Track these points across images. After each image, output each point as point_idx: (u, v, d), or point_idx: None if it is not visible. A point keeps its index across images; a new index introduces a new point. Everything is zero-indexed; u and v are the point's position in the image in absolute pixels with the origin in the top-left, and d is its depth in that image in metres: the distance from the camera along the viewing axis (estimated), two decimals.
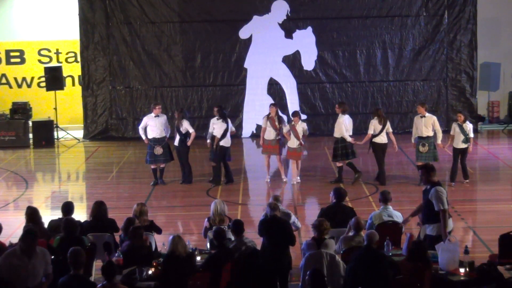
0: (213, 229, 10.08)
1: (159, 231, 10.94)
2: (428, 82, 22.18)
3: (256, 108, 21.74)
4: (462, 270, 9.03)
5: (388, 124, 15.85)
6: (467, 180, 15.91)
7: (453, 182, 15.68)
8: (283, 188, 16.18)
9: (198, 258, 9.56)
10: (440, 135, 15.64)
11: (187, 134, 16.28)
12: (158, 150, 16.33)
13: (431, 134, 15.53)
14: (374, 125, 15.78)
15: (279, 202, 11.00)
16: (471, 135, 15.56)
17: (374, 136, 15.81)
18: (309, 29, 22.04)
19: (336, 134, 16.04)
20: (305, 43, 22.09)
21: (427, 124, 15.49)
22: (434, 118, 15.72)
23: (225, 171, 16.50)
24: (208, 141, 16.28)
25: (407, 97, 22.03)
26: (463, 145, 15.53)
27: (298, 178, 16.44)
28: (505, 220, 13.14)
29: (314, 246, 9.29)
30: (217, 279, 8.91)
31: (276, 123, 16.14)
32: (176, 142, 16.35)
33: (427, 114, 15.59)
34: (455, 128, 15.57)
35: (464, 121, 15.60)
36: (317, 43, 22.07)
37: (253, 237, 10.26)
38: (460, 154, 15.62)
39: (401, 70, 22.18)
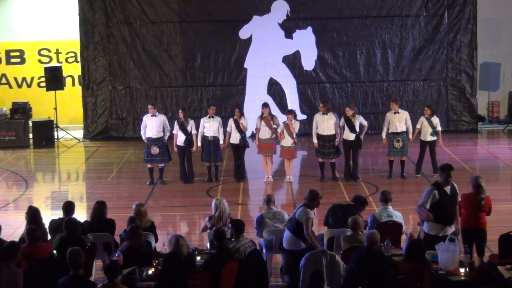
0: (213, 229, 10.08)
1: (155, 237, 10.72)
2: (428, 82, 22.16)
3: (256, 108, 21.57)
4: (462, 270, 9.03)
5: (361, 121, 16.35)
6: (437, 174, 16.14)
7: (418, 174, 16.57)
8: (285, 188, 16.21)
9: (198, 258, 9.56)
10: (411, 130, 16.41)
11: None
12: (154, 150, 16.32)
13: (404, 129, 16.33)
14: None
15: (272, 202, 11.06)
16: (439, 128, 16.40)
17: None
18: (309, 29, 22.02)
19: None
20: (305, 43, 22.07)
21: (401, 120, 16.27)
22: (407, 113, 16.61)
23: (240, 168, 16.70)
24: (199, 144, 16.37)
25: (407, 97, 22.00)
26: (431, 138, 16.30)
27: (291, 177, 16.56)
28: (505, 220, 13.14)
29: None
30: (217, 279, 8.91)
31: (271, 122, 16.25)
32: (182, 142, 16.34)
33: (400, 110, 16.38)
34: (423, 121, 16.39)
35: (432, 115, 16.36)
36: (317, 43, 22.06)
37: (253, 237, 10.26)
38: (428, 147, 16.40)
39: (401, 70, 22.16)
